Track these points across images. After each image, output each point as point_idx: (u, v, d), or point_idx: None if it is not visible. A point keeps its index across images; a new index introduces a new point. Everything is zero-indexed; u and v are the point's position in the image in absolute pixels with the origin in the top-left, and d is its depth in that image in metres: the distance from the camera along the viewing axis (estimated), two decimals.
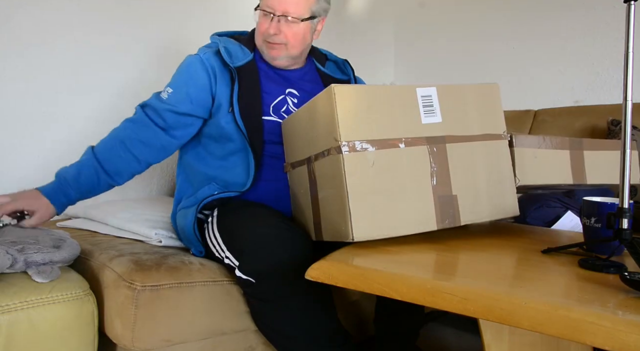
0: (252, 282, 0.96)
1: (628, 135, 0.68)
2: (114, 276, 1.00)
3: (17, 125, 1.48)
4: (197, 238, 1.13)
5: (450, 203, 0.84)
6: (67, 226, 1.42)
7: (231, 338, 1.09)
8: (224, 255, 1.06)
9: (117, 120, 1.23)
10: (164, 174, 1.84)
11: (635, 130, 1.56)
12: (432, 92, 0.87)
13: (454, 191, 0.85)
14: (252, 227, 1.02)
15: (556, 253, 0.79)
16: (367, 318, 1.32)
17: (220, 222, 1.11)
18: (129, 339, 0.95)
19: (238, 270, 0.99)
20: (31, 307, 0.89)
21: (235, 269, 1.00)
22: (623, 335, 0.49)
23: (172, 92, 1.19)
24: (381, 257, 0.75)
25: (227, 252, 1.05)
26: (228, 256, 1.04)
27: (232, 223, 1.08)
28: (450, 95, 0.88)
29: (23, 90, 1.48)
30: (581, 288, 0.62)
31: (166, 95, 1.19)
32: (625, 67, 0.68)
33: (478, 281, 0.64)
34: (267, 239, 0.97)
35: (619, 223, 0.68)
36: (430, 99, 0.87)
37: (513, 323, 0.56)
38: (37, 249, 0.96)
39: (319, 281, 0.73)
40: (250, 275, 0.96)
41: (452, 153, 0.86)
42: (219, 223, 1.11)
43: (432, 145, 0.85)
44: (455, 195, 0.84)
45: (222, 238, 1.08)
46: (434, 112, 0.86)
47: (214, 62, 1.19)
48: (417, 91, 0.86)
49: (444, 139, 0.86)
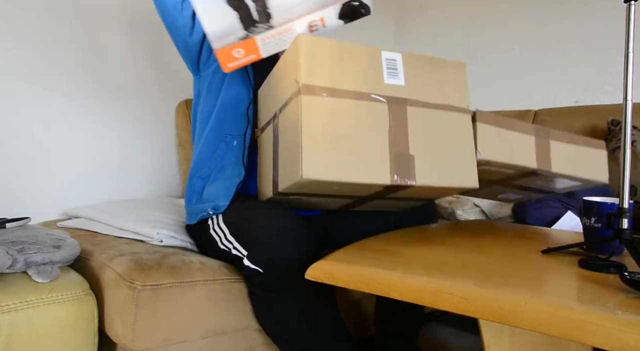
0: (260, 272, 0.96)
1: (628, 135, 0.68)
2: (114, 276, 1.00)
3: (16, 125, 1.48)
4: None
5: (407, 162, 0.84)
6: (67, 226, 1.42)
7: (231, 338, 1.09)
8: (230, 246, 1.06)
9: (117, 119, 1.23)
10: (164, 174, 1.84)
11: (635, 130, 1.57)
12: (397, 57, 0.88)
13: (412, 151, 0.85)
14: (262, 217, 1.02)
15: (556, 253, 0.79)
16: (367, 318, 1.32)
17: (226, 215, 1.11)
18: (129, 338, 0.96)
19: (246, 259, 0.99)
20: (31, 307, 0.89)
21: (244, 259, 1.00)
22: (623, 335, 0.49)
23: None
24: (381, 257, 0.75)
25: (234, 243, 1.05)
26: (236, 246, 1.04)
27: (239, 214, 1.08)
28: (415, 63, 0.89)
29: (23, 89, 1.48)
30: (581, 288, 0.62)
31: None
32: (625, 67, 0.68)
33: (478, 281, 0.64)
34: (277, 230, 0.98)
35: (619, 223, 0.68)
36: (395, 63, 0.88)
37: (513, 323, 0.56)
38: (37, 249, 0.96)
39: (319, 281, 0.73)
40: (259, 264, 0.97)
41: (413, 116, 0.86)
42: (224, 215, 1.12)
43: (393, 105, 0.85)
44: (412, 155, 0.85)
45: (229, 229, 1.08)
46: (397, 75, 0.87)
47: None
48: (382, 53, 0.87)
49: (405, 101, 0.87)
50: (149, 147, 1.79)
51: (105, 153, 1.67)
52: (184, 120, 1.75)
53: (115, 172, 1.70)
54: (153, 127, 1.79)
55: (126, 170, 1.73)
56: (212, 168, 1.19)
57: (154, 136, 1.80)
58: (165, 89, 1.81)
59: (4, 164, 1.45)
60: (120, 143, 1.70)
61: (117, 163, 1.70)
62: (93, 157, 1.64)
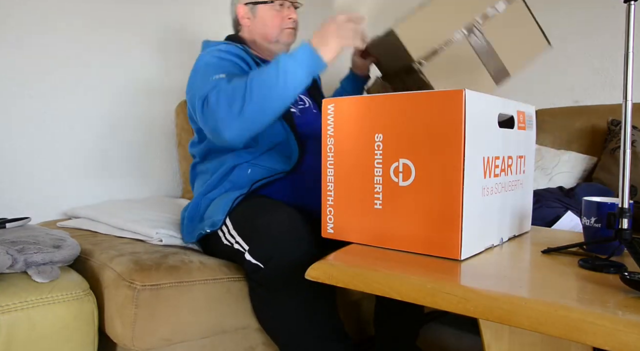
0: (261, 267, 0.97)
1: (628, 135, 0.68)
2: (114, 276, 1.00)
3: (16, 125, 1.48)
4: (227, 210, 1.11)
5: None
6: (67, 226, 1.42)
7: (231, 337, 1.09)
8: (233, 240, 1.06)
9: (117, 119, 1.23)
10: (164, 174, 1.84)
11: (635, 130, 1.56)
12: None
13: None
14: (265, 214, 1.03)
15: (556, 253, 0.79)
16: (367, 318, 1.32)
17: (232, 212, 1.11)
18: (129, 338, 0.96)
19: (248, 253, 1.00)
20: (31, 307, 0.89)
21: (245, 253, 1.01)
22: (623, 335, 0.49)
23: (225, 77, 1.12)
24: (381, 257, 0.75)
25: (237, 237, 1.05)
26: (238, 241, 1.04)
27: (244, 212, 1.09)
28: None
29: (23, 89, 1.48)
30: (581, 288, 0.62)
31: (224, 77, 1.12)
32: (625, 67, 0.68)
33: (478, 281, 0.64)
34: (279, 226, 0.98)
35: (619, 223, 0.68)
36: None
37: (513, 323, 0.56)
38: (37, 249, 0.96)
39: (319, 281, 0.73)
40: (260, 259, 0.97)
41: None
42: (230, 213, 1.12)
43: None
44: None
45: (233, 223, 1.08)
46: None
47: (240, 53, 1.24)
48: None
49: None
50: (149, 147, 1.79)
51: (105, 153, 1.67)
52: (184, 120, 1.75)
53: (115, 172, 1.70)
54: (153, 127, 1.79)
55: (126, 170, 1.73)
56: (223, 189, 1.20)
57: (154, 136, 1.80)
58: (165, 89, 1.81)
59: (4, 164, 1.45)
60: (120, 143, 1.70)
61: (117, 163, 1.70)
62: (93, 157, 1.64)
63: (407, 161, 0.75)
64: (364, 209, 0.81)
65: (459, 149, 0.70)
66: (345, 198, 0.84)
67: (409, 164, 0.75)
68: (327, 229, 0.87)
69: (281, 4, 1.31)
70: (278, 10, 1.31)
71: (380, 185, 0.79)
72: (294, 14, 1.32)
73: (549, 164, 1.72)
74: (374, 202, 0.80)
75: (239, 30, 1.39)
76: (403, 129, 0.76)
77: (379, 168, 0.79)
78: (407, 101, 0.75)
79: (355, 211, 0.82)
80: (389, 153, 0.77)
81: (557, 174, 1.69)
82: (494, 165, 0.79)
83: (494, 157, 0.79)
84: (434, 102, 0.72)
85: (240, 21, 1.36)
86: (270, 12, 1.31)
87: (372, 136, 0.79)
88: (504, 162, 0.83)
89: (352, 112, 0.82)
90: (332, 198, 0.85)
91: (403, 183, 0.76)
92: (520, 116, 0.90)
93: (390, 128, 0.77)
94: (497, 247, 0.82)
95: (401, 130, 0.76)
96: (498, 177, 0.81)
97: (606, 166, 1.60)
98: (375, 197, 0.79)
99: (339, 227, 0.85)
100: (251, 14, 1.33)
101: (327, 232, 0.87)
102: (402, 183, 0.76)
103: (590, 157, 1.71)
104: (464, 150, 0.70)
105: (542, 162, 1.74)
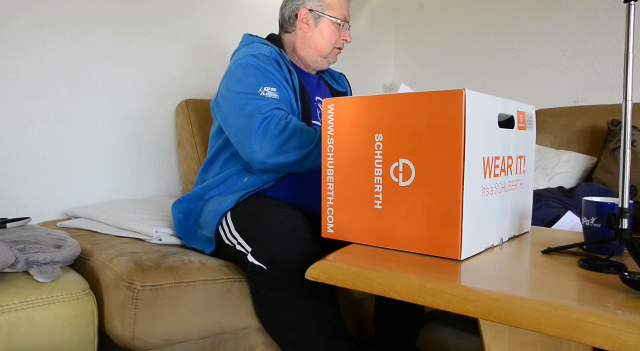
0: (264, 269, 0.97)
1: (628, 135, 0.68)
2: (114, 276, 1.00)
3: (16, 125, 1.48)
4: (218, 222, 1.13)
5: None
6: (67, 226, 1.42)
7: (231, 337, 1.09)
8: (235, 241, 1.06)
9: (117, 119, 1.23)
10: (164, 174, 1.84)
11: (635, 130, 1.57)
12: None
13: None
14: (268, 215, 1.03)
15: (556, 253, 0.79)
16: (367, 319, 1.32)
17: (233, 211, 1.12)
18: (129, 339, 0.96)
19: (251, 255, 1.00)
20: (31, 307, 0.89)
21: (248, 255, 1.01)
22: (623, 335, 0.49)
23: (276, 90, 1.16)
24: (381, 257, 0.75)
25: (239, 238, 1.06)
26: (240, 242, 1.05)
27: (246, 212, 1.09)
28: None
29: (23, 89, 1.48)
30: (581, 288, 0.62)
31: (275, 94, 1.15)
32: (625, 67, 0.68)
33: (478, 282, 0.64)
34: (282, 229, 0.98)
35: (619, 223, 0.68)
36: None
37: (513, 323, 0.56)
38: (39, 249, 0.96)
39: (319, 281, 0.73)
40: (262, 261, 0.97)
41: None
42: (231, 211, 1.12)
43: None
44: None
45: (235, 225, 1.09)
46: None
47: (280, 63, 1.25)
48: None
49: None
50: (149, 147, 1.79)
51: (106, 153, 1.67)
52: (184, 120, 1.75)
53: (115, 172, 1.70)
54: (153, 127, 1.79)
55: (126, 170, 1.73)
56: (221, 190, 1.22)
57: (154, 136, 1.80)
58: (165, 89, 1.81)
59: (4, 164, 1.45)
60: (120, 143, 1.70)
61: (117, 163, 1.70)
62: (93, 157, 1.64)
63: (407, 161, 0.75)
64: (364, 209, 0.81)
65: (459, 149, 0.70)
66: (345, 198, 0.84)
67: (409, 164, 0.75)
68: (327, 229, 0.86)
69: (342, 25, 1.32)
70: (338, 29, 1.32)
71: (380, 185, 0.79)
72: (349, 37, 1.34)
73: (549, 164, 1.72)
74: (374, 202, 0.80)
75: (287, 31, 1.36)
76: (403, 129, 0.76)
77: (379, 168, 0.79)
78: (407, 101, 0.75)
79: (355, 211, 0.82)
80: (389, 153, 0.77)
81: (557, 174, 1.69)
82: (494, 165, 0.79)
83: (494, 157, 0.79)
84: (434, 102, 0.72)
85: (297, 23, 1.32)
86: (332, 28, 1.31)
87: (372, 136, 0.79)
88: (504, 162, 0.83)
89: (352, 112, 0.82)
90: (332, 198, 0.85)
91: (403, 183, 0.76)
92: (520, 116, 0.90)
93: (390, 128, 0.77)
94: (497, 247, 0.82)
95: (401, 130, 0.76)
96: (498, 177, 0.81)
97: (606, 166, 1.61)
98: (375, 197, 0.79)
99: (339, 226, 0.85)
100: (313, 21, 1.31)
101: (327, 232, 0.86)
102: (402, 183, 0.76)
103: (590, 157, 1.71)
104: (464, 150, 0.69)
105: (542, 162, 1.74)
